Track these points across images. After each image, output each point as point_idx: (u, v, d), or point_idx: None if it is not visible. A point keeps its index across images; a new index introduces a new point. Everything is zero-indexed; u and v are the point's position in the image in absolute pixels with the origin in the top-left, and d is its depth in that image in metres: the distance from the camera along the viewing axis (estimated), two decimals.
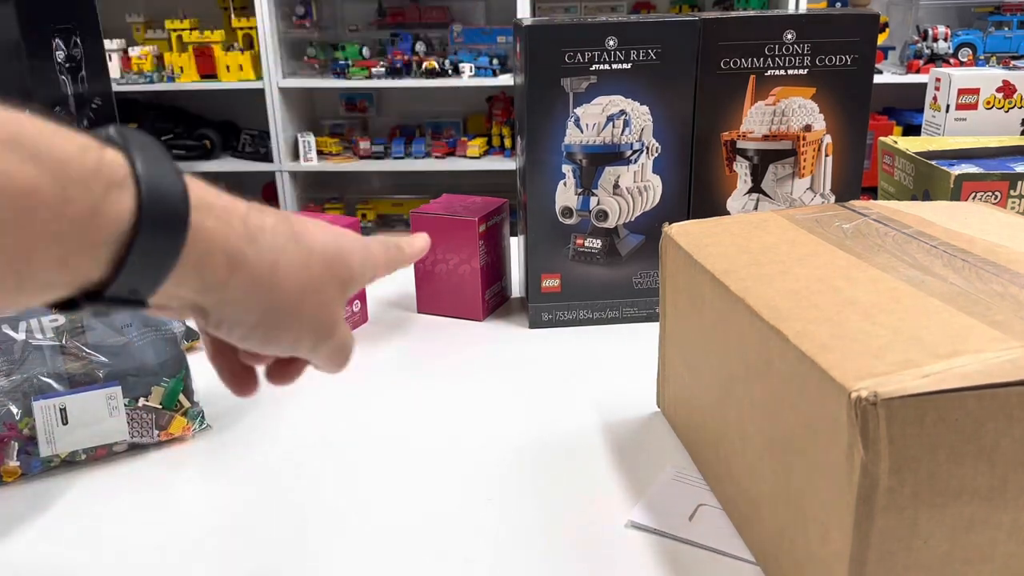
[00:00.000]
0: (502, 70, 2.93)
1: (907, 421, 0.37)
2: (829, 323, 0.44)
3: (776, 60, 0.80)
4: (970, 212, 0.61)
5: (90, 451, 0.63)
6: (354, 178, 3.43)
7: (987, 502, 0.39)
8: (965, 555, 0.40)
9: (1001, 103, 0.94)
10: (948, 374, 0.37)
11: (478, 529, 0.55)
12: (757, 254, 0.54)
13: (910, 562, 0.39)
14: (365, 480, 0.61)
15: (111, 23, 3.24)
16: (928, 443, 0.37)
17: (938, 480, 0.38)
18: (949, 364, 0.38)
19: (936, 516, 0.39)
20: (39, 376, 0.60)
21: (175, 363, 0.65)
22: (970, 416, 0.37)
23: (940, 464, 0.38)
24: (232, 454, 0.65)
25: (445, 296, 0.89)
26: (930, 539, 0.39)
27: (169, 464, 0.63)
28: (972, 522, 0.39)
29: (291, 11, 3.01)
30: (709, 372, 0.56)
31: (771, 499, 0.48)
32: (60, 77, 1.03)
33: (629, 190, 0.83)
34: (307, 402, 0.72)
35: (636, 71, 0.79)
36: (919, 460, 0.38)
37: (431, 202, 0.90)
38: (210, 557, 0.53)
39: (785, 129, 0.82)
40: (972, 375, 0.37)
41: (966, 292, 0.45)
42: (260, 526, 0.56)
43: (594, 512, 0.56)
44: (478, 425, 0.68)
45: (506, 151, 3.07)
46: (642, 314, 0.87)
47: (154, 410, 0.64)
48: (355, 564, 0.52)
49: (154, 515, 0.57)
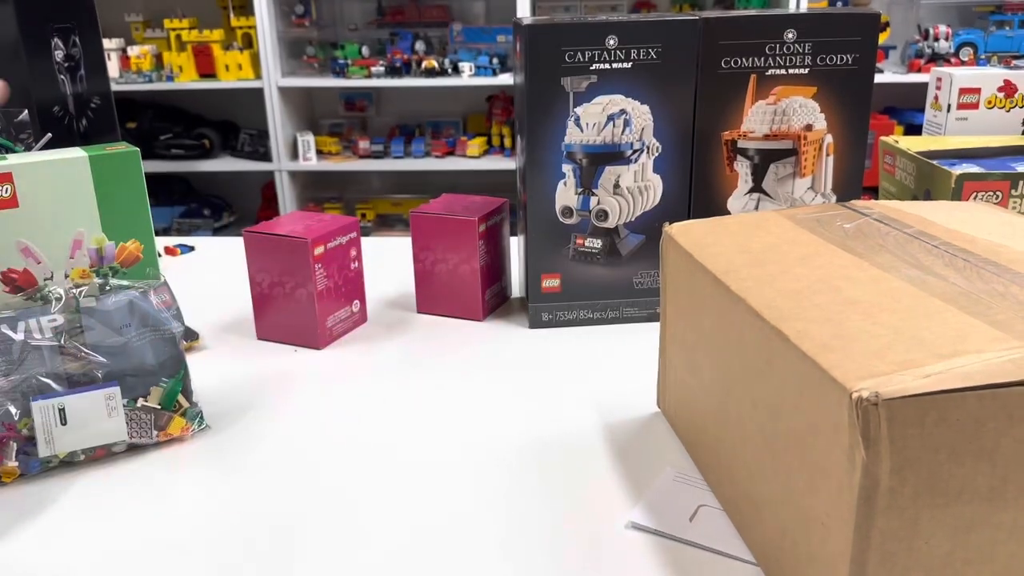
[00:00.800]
0: (502, 69, 2.93)
1: (908, 421, 0.37)
2: (830, 323, 0.43)
3: (777, 59, 0.80)
4: (971, 212, 0.61)
5: (89, 451, 0.62)
6: (353, 178, 3.43)
7: (988, 502, 0.39)
8: (966, 555, 0.40)
9: (1002, 103, 0.94)
10: (949, 374, 0.37)
11: (478, 529, 0.55)
12: (758, 254, 0.54)
13: (911, 563, 0.39)
14: (365, 480, 0.61)
15: (110, 22, 3.24)
16: (929, 443, 0.37)
17: (939, 480, 0.38)
18: (950, 364, 0.38)
19: (937, 516, 0.39)
20: (38, 376, 0.60)
21: (174, 363, 0.65)
22: (971, 416, 0.37)
23: (941, 464, 0.38)
24: (231, 454, 0.65)
25: (445, 296, 0.89)
26: (931, 539, 0.39)
27: (168, 465, 0.63)
28: (973, 522, 0.39)
29: (290, 10, 3.01)
30: (710, 372, 0.56)
31: (772, 500, 0.48)
32: (59, 76, 1.03)
33: (629, 190, 0.83)
34: (306, 402, 0.72)
35: (636, 70, 0.79)
36: (920, 460, 0.37)
37: (431, 202, 0.90)
38: (209, 557, 0.53)
39: (786, 128, 0.82)
40: (973, 375, 0.37)
41: (967, 292, 0.45)
42: (259, 526, 0.56)
43: (594, 512, 0.56)
44: (478, 425, 0.68)
45: (506, 151, 3.07)
46: (642, 314, 0.87)
47: (153, 410, 0.64)
48: (355, 563, 0.52)
49: (153, 516, 0.57)
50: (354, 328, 0.87)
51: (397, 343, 0.84)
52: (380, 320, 0.89)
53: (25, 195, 0.69)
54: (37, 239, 0.70)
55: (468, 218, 0.84)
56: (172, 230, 3.23)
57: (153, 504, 0.58)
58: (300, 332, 0.82)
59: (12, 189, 0.69)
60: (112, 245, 0.74)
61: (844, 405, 0.38)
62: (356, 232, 0.85)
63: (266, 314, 0.83)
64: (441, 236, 0.86)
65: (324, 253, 0.80)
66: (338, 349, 0.83)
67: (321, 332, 0.82)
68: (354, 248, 0.85)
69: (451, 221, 0.85)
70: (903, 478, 0.38)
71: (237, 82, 2.95)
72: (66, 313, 0.62)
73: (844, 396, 0.38)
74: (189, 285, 1.02)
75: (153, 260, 0.76)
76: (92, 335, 0.62)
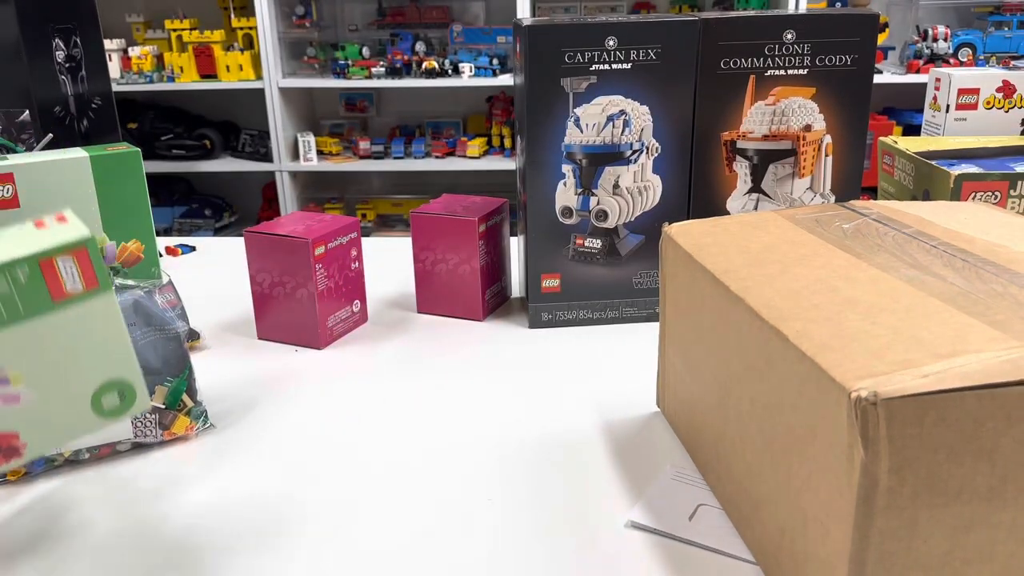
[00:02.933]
0: (502, 70, 2.93)
1: (907, 421, 0.37)
2: (829, 323, 0.44)
3: (776, 60, 0.80)
4: (970, 212, 0.61)
5: (94, 450, 0.63)
6: (354, 178, 3.43)
7: (987, 502, 0.39)
8: (965, 555, 0.40)
9: (1001, 103, 0.94)
10: (948, 374, 0.37)
11: (478, 529, 0.55)
12: (757, 254, 0.55)
13: (910, 562, 0.40)
14: (366, 479, 0.61)
15: (111, 23, 3.24)
16: (928, 443, 0.37)
17: (938, 480, 0.38)
18: (949, 364, 0.38)
19: (936, 516, 0.39)
20: None
21: (178, 362, 0.65)
22: (970, 416, 0.37)
23: (940, 464, 0.38)
24: (235, 453, 0.65)
25: (445, 296, 0.89)
26: (930, 539, 0.39)
27: (173, 463, 0.63)
28: (972, 522, 0.39)
29: (291, 11, 3.01)
30: (709, 372, 0.56)
31: (771, 499, 0.48)
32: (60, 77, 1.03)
33: (629, 190, 0.83)
34: (309, 402, 0.72)
35: (636, 71, 0.79)
36: (919, 460, 0.38)
37: (431, 202, 0.90)
38: (213, 556, 0.53)
39: (785, 129, 0.82)
40: (972, 375, 0.37)
41: (966, 292, 0.45)
42: (263, 524, 0.56)
43: (594, 512, 0.56)
44: (478, 425, 0.68)
45: (506, 151, 3.08)
46: (642, 314, 0.87)
47: (158, 409, 0.64)
48: (355, 562, 0.52)
49: (157, 514, 0.57)
50: (354, 328, 0.87)
51: (397, 343, 0.84)
52: (380, 320, 0.90)
53: (26, 195, 0.69)
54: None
55: (468, 218, 0.85)
56: (173, 230, 3.23)
57: (157, 503, 0.58)
58: (301, 332, 0.82)
59: (13, 189, 0.69)
60: (113, 245, 0.74)
61: (843, 405, 0.38)
62: (357, 232, 0.85)
63: (267, 314, 0.83)
64: (441, 236, 0.86)
65: (325, 253, 0.80)
66: (338, 349, 0.83)
67: (322, 332, 0.82)
68: (355, 248, 0.85)
69: (451, 221, 0.85)
70: (902, 478, 0.38)
71: (238, 83, 2.95)
72: None
73: (843, 396, 0.38)
74: (190, 285, 1.03)
75: (154, 260, 0.77)
76: None
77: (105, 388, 0.51)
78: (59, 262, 0.48)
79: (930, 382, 0.37)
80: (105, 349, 0.50)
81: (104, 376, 0.50)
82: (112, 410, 0.51)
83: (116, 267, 0.74)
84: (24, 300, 0.47)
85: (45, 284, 0.48)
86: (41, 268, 0.48)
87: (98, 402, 0.51)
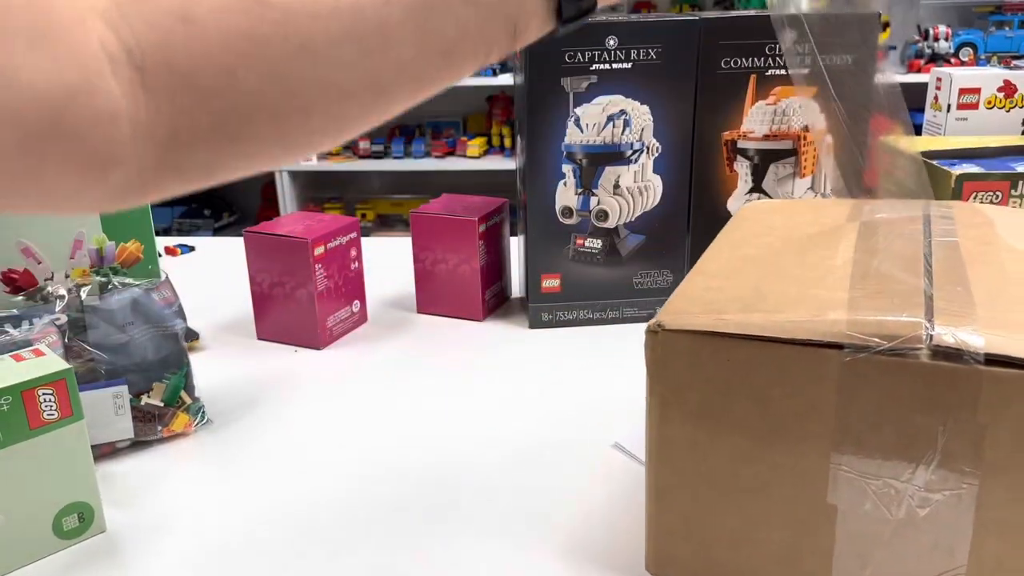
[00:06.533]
0: (502, 70, 2.93)
1: (680, 352, 0.43)
2: (728, 280, 0.48)
3: (777, 60, 0.80)
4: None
5: (94, 448, 0.62)
6: (354, 178, 3.43)
7: (761, 441, 0.43)
8: (744, 484, 0.44)
9: (1002, 103, 0.94)
10: (736, 323, 0.42)
11: (478, 529, 0.55)
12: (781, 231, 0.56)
13: (699, 478, 0.45)
14: (365, 478, 0.61)
15: None
16: (701, 374, 0.43)
17: (713, 408, 0.44)
18: (750, 317, 0.42)
19: (716, 442, 0.44)
20: None
21: (176, 360, 0.65)
22: (744, 360, 0.42)
23: (714, 395, 0.43)
24: (234, 451, 0.65)
25: (445, 296, 0.89)
26: (713, 461, 0.44)
27: (171, 460, 0.63)
28: (750, 456, 0.44)
29: None
30: None
31: None
32: None
33: (629, 190, 0.83)
34: (308, 400, 0.72)
35: (636, 71, 0.79)
36: (692, 387, 0.44)
37: (431, 202, 0.90)
38: (212, 554, 0.53)
39: (786, 129, 0.82)
40: (755, 327, 0.41)
41: (877, 274, 0.45)
42: (261, 522, 0.56)
43: (594, 512, 0.56)
44: (478, 425, 0.68)
45: (506, 151, 3.08)
46: (642, 314, 0.87)
47: (156, 407, 0.64)
48: (355, 561, 0.52)
49: (156, 511, 0.57)
50: (354, 328, 0.87)
51: (397, 343, 0.84)
52: (380, 320, 0.89)
53: None
54: (37, 239, 0.70)
55: (468, 218, 0.84)
56: (172, 230, 3.23)
57: (156, 499, 0.58)
58: (300, 332, 0.82)
59: None
60: (112, 245, 0.74)
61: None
62: (356, 232, 0.85)
63: (266, 314, 0.83)
64: (441, 236, 0.86)
65: (324, 253, 0.80)
66: (338, 349, 0.83)
67: (321, 332, 0.82)
68: (354, 248, 0.85)
69: (451, 221, 0.85)
70: (682, 399, 0.44)
71: None
72: (69, 311, 0.62)
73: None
74: (189, 285, 1.02)
75: (153, 260, 0.77)
76: (95, 332, 0.62)
77: (67, 511, 0.53)
78: (39, 393, 0.50)
79: (711, 323, 0.42)
80: (71, 474, 0.53)
81: (67, 499, 0.53)
82: (71, 531, 0.54)
83: (115, 267, 0.74)
84: (4, 428, 0.49)
85: (25, 413, 0.50)
86: (23, 398, 0.50)
87: (59, 524, 0.53)
